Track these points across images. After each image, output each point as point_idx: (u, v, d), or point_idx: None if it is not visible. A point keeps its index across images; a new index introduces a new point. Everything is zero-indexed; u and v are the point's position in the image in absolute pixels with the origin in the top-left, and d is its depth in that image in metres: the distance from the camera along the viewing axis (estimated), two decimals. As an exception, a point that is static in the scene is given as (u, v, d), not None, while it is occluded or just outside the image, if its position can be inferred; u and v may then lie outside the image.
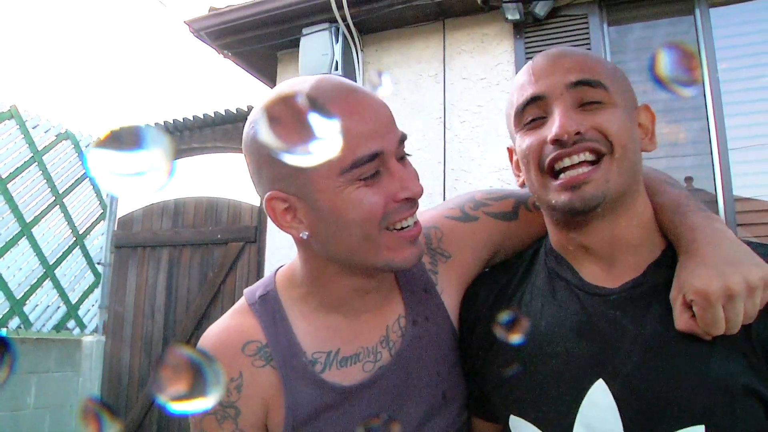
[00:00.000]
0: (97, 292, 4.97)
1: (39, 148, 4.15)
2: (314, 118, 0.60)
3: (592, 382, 0.86)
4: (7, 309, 3.94)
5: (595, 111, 0.87)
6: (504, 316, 0.89)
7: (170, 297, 4.76)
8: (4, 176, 3.93)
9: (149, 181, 0.47)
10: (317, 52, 3.44)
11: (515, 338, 0.87)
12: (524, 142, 0.91)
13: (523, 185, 0.98)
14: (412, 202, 0.88)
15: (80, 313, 4.78)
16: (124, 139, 0.48)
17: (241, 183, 4.84)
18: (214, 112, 4.33)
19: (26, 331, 4.10)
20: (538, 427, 0.90)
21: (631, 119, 0.90)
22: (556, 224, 0.96)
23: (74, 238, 4.60)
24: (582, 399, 0.86)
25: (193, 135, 4.63)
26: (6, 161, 3.95)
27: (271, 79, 4.22)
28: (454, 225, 1.05)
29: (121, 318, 4.84)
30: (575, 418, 0.86)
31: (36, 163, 4.11)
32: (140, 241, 4.88)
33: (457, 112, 3.42)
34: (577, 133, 0.85)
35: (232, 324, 0.97)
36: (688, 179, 3.37)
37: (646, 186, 0.94)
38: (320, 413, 0.92)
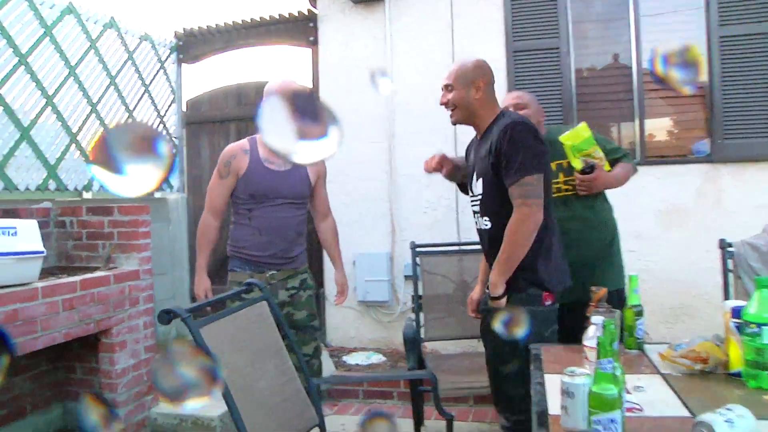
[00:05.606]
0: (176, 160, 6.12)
1: (130, 50, 5.27)
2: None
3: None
4: (130, 176, 5.32)
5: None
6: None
7: (240, 159, 5.95)
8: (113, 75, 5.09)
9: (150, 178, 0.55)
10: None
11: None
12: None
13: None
14: None
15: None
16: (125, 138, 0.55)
17: (290, 72, 5.97)
18: (269, 16, 5.44)
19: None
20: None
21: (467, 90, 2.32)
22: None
23: (159, 119, 5.82)
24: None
25: (249, 32, 5.65)
26: (111, 65, 5.11)
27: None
28: None
29: (199, 179, 5.82)
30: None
31: (130, 62, 5.26)
32: (209, 117, 5.71)
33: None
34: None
35: (238, 143, 2.91)
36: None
37: None
38: (255, 170, 2.87)
